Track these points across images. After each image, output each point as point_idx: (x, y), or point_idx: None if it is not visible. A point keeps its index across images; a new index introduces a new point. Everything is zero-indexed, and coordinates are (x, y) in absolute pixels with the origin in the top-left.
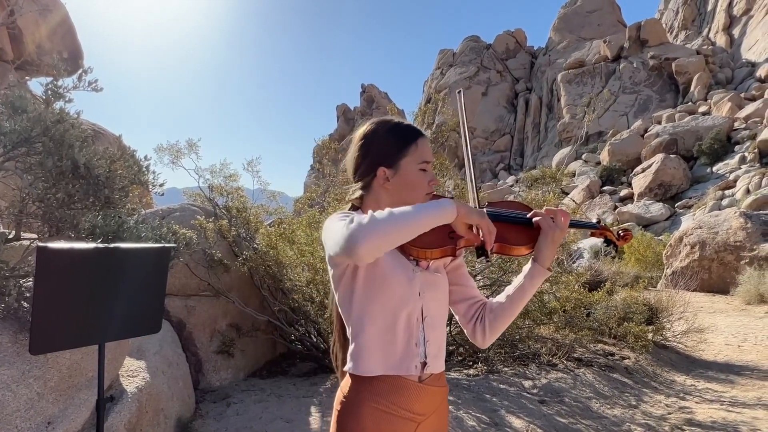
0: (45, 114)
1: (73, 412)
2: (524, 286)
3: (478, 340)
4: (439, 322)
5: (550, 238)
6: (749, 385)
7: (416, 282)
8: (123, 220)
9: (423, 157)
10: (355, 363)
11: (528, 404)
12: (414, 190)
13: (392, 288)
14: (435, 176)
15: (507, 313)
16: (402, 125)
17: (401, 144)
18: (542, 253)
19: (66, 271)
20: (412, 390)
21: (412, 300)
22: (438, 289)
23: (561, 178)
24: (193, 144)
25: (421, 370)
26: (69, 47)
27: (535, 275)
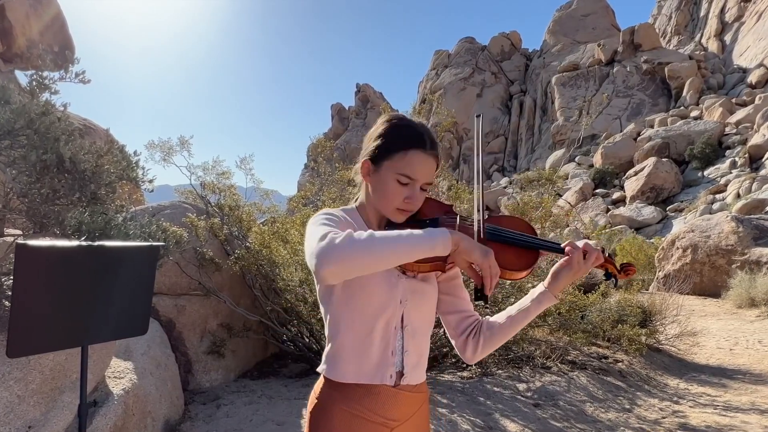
0: (30, 106)
1: (55, 416)
2: (530, 309)
3: (467, 356)
4: (421, 331)
5: (573, 272)
6: (742, 389)
7: (398, 289)
8: (110, 217)
9: (404, 170)
10: (329, 366)
11: (522, 408)
12: (383, 199)
13: (371, 294)
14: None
15: (505, 333)
16: (408, 129)
17: (391, 145)
18: (558, 283)
19: (47, 269)
20: (386, 395)
21: (391, 307)
22: (423, 298)
23: (557, 180)
24: (185, 141)
25: (397, 379)
26: (60, 42)
27: (543, 301)
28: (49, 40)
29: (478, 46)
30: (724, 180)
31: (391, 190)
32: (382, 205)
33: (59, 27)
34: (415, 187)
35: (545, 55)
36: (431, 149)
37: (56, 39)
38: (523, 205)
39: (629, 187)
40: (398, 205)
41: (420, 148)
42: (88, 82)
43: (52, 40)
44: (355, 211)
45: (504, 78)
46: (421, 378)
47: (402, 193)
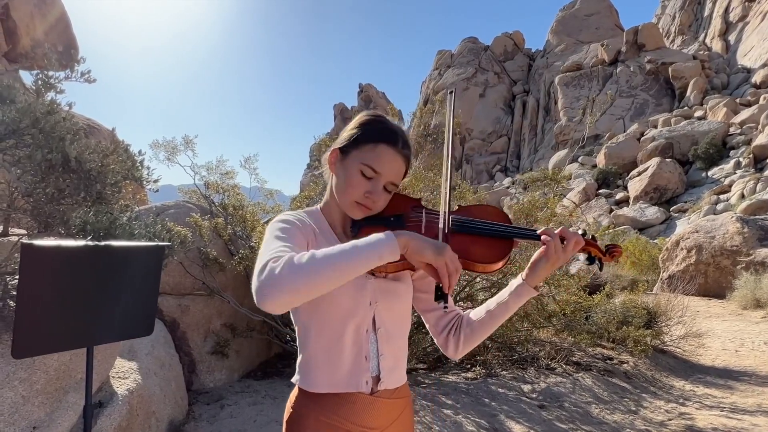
0: (35, 105)
1: (60, 417)
2: (508, 303)
3: (450, 352)
4: (397, 332)
5: (551, 261)
6: (748, 391)
7: (367, 290)
8: (115, 216)
9: (370, 161)
10: (301, 376)
11: (527, 409)
12: (345, 190)
13: (337, 298)
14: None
15: (485, 328)
16: (382, 125)
17: (362, 137)
18: (536, 275)
19: (53, 269)
20: (363, 403)
21: (361, 310)
22: (395, 298)
23: (562, 180)
24: (189, 141)
25: (374, 385)
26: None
27: (521, 294)
28: (54, 39)
29: (481, 46)
30: (729, 180)
31: (354, 181)
32: (342, 196)
33: (63, 27)
34: (378, 182)
35: (548, 55)
36: (402, 148)
37: (60, 39)
38: (528, 205)
39: (633, 188)
40: (358, 198)
41: (390, 143)
42: (94, 82)
43: (57, 40)
44: (319, 212)
45: (507, 78)
46: (400, 381)
47: (364, 186)
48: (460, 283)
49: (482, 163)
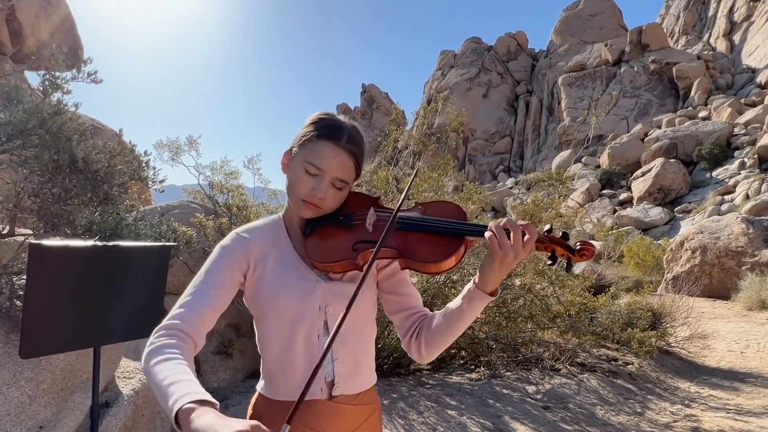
0: (42, 105)
1: (66, 416)
2: (462, 308)
3: (414, 356)
4: (354, 337)
5: (498, 262)
6: (754, 392)
7: (316, 295)
8: (121, 216)
9: (311, 158)
10: (262, 382)
11: (532, 410)
12: (291, 190)
13: (282, 306)
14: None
15: (444, 334)
16: (327, 122)
17: (306, 136)
18: (485, 277)
19: (60, 269)
20: (321, 409)
21: (309, 315)
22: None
23: (566, 181)
24: (193, 141)
25: (329, 391)
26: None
27: (473, 298)
28: (59, 41)
29: (484, 47)
30: (733, 181)
31: (298, 180)
32: (291, 196)
33: (68, 28)
34: (322, 179)
35: (552, 56)
36: (347, 144)
37: (66, 40)
38: (532, 206)
39: (636, 188)
40: (304, 196)
41: (332, 139)
42: (100, 82)
43: (62, 41)
44: (280, 220)
45: (510, 78)
46: (363, 386)
47: (309, 183)
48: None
49: (485, 164)
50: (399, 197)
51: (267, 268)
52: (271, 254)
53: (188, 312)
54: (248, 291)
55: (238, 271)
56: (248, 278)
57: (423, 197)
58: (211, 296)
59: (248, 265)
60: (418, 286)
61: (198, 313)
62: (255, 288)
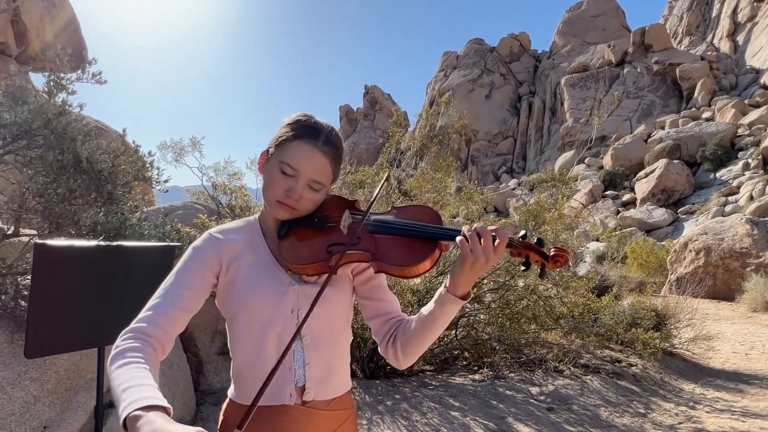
0: (47, 106)
1: (70, 416)
2: (434, 312)
3: (392, 361)
4: (327, 341)
5: (468, 266)
6: (759, 394)
7: (289, 298)
8: (125, 217)
9: (287, 158)
10: (233, 387)
11: (536, 411)
12: (266, 190)
13: (254, 309)
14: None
15: (418, 339)
16: (304, 123)
17: (282, 137)
18: (456, 281)
19: (65, 269)
20: (293, 414)
21: (281, 319)
22: (324, 305)
23: (569, 182)
24: (196, 142)
25: (300, 396)
26: (74, 44)
27: (445, 303)
28: (63, 42)
29: (486, 48)
30: (737, 182)
31: (274, 180)
32: (266, 198)
33: (73, 30)
34: (298, 180)
35: (554, 56)
36: (324, 145)
37: (70, 41)
38: (535, 206)
39: (640, 189)
40: (279, 197)
41: (308, 140)
42: (105, 83)
43: (66, 43)
44: (257, 222)
45: (513, 79)
46: (337, 392)
47: (284, 184)
48: None
49: (488, 165)
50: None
51: (240, 270)
52: (246, 256)
53: (156, 315)
54: (220, 292)
55: (210, 272)
56: (221, 279)
57: (426, 198)
58: (181, 297)
59: (221, 266)
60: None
61: (166, 315)
62: (227, 289)
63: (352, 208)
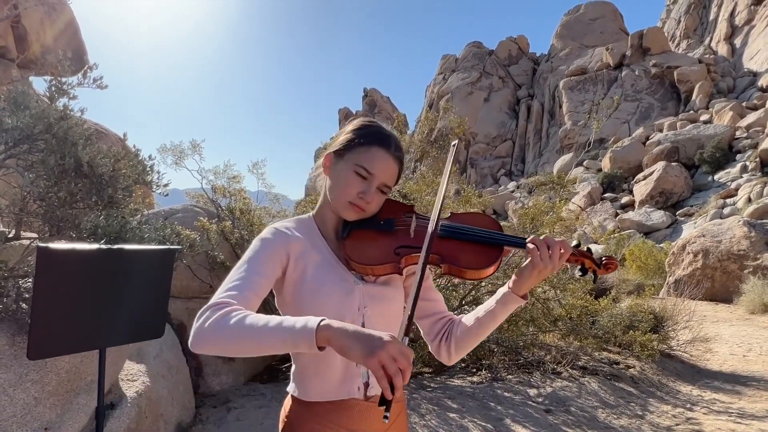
0: (48, 111)
1: (71, 418)
2: (495, 311)
3: (443, 358)
4: None
5: (537, 271)
6: (756, 396)
7: (355, 296)
8: (126, 220)
9: (363, 162)
10: (296, 385)
11: (533, 413)
12: (339, 190)
13: (324, 304)
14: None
15: (474, 335)
16: (375, 128)
17: (356, 140)
18: (523, 283)
19: (67, 272)
20: (358, 409)
21: (349, 316)
22: (385, 303)
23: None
24: (196, 145)
25: (365, 391)
26: (74, 48)
27: (507, 302)
28: (63, 46)
29: (485, 51)
30: (735, 184)
31: (348, 182)
32: (336, 198)
33: (72, 33)
34: (371, 183)
35: (553, 59)
36: (395, 152)
37: (70, 44)
38: (534, 209)
39: (638, 192)
40: (351, 198)
41: (383, 146)
42: (105, 87)
43: (66, 46)
44: (311, 220)
45: (511, 82)
46: None
47: (358, 186)
48: (466, 287)
49: (487, 167)
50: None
51: (307, 268)
52: (310, 254)
53: (238, 294)
54: (286, 289)
55: (279, 264)
56: (288, 274)
57: (425, 201)
58: (255, 283)
59: (288, 260)
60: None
61: (245, 297)
62: (295, 287)
63: (410, 212)
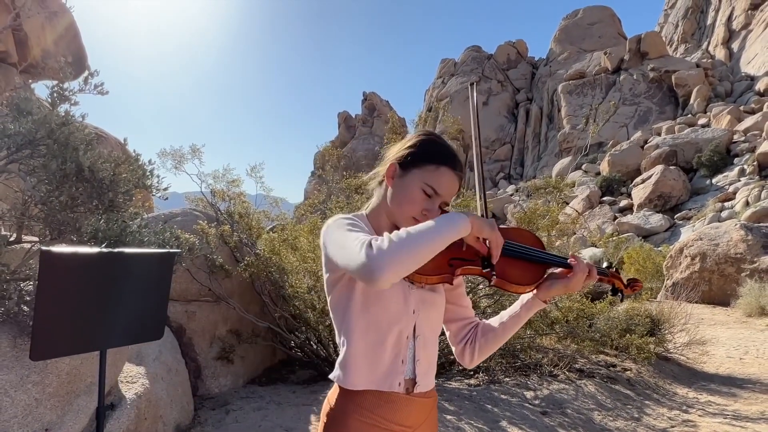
0: (50, 116)
1: (71, 419)
2: (520, 314)
3: (466, 361)
4: (431, 341)
5: (564, 287)
6: (752, 398)
7: (411, 299)
8: (126, 224)
9: (432, 182)
10: (342, 374)
11: (530, 415)
12: (403, 204)
13: (387, 304)
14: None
15: (499, 338)
16: (444, 147)
17: (425, 156)
18: (549, 292)
19: (69, 275)
20: (400, 403)
21: (405, 317)
22: (433, 307)
23: (564, 188)
24: (196, 149)
25: (410, 387)
26: (74, 52)
27: (532, 307)
28: (63, 50)
29: (484, 55)
30: (733, 188)
31: (414, 198)
32: (399, 210)
33: (72, 37)
34: (436, 202)
35: (551, 64)
36: (459, 171)
37: (70, 48)
38: (530, 213)
39: (636, 195)
40: (416, 214)
41: (451, 166)
42: (106, 94)
43: (66, 50)
44: (365, 217)
45: (510, 86)
46: (432, 384)
47: (423, 203)
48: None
49: (486, 171)
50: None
51: None
52: None
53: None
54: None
55: None
56: None
57: None
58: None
59: None
60: None
61: None
62: None
63: None
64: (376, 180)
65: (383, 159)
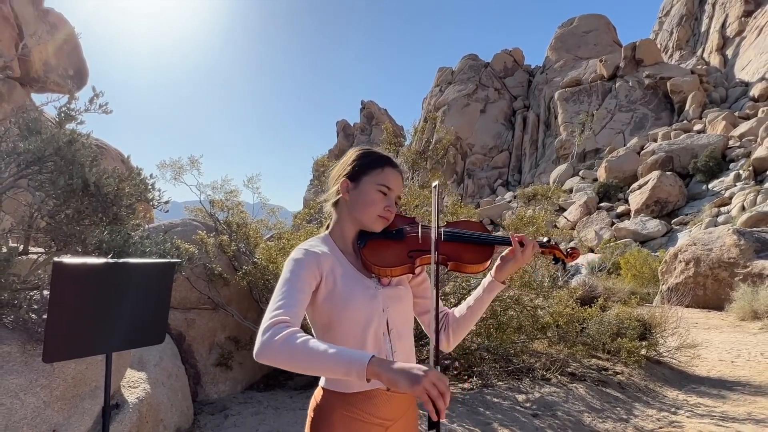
0: (58, 135)
1: (76, 421)
2: (483, 297)
3: (443, 346)
4: (405, 332)
5: (516, 261)
6: (740, 400)
7: (379, 299)
8: (129, 235)
9: (383, 181)
10: (328, 380)
11: (521, 417)
12: (367, 207)
13: (356, 310)
14: (396, 206)
15: (468, 321)
16: (377, 154)
17: (367, 164)
18: (503, 272)
19: (78, 284)
20: (381, 398)
21: (376, 317)
22: (401, 302)
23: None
24: (195, 161)
25: None
26: (74, 64)
27: (493, 289)
28: (64, 62)
29: (481, 63)
30: (729, 193)
31: (374, 200)
32: (365, 214)
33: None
34: (391, 197)
35: (548, 71)
36: (398, 167)
37: (70, 60)
38: (516, 221)
39: (633, 201)
40: (380, 212)
41: (392, 165)
42: (110, 113)
43: (67, 62)
44: (329, 239)
45: (507, 94)
46: None
47: (382, 201)
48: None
49: (484, 178)
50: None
51: (336, 281)
52: (336, 268)
53: (288, 311)
54: (321, 300)
55: (314, 280)
56: (321, 288)
57: (415, 213)
58: (299, 300)
59: (321, 277)
60: None
61: (294, 314)
62: (327, 298)
63: (413, 222)
64: (330, 203)
65: (328, 183)
